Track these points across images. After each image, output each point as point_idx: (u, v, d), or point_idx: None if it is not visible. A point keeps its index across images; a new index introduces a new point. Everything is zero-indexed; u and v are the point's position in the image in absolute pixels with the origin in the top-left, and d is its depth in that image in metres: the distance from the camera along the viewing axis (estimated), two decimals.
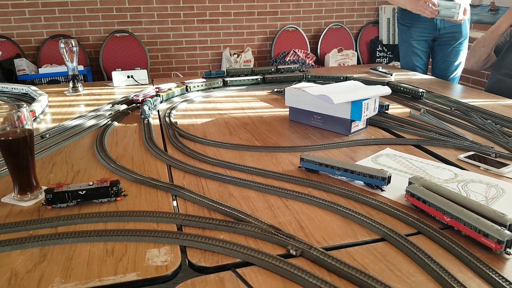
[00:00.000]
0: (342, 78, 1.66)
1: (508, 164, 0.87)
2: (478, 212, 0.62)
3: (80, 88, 1.62)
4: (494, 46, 1.72)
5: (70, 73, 1.59)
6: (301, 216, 0.69)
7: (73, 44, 1.54)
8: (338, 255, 0.57)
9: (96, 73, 3.53)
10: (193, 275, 0.56)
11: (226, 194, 0.78)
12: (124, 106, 1.36)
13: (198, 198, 0.74)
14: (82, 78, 3.18)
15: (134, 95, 1.39)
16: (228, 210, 0.70)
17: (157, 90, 1.46)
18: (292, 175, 0.83)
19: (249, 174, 0.86)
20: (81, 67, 3.19)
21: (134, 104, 1.37)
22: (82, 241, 0.62)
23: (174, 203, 0.75)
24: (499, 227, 0.58)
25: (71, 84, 1.60)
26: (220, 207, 0.71)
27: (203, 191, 0.79)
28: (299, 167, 0.88)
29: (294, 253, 0.58)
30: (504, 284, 0.51)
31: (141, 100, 1.37)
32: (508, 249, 0.57)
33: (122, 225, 0.67)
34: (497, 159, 0.90)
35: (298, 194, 0.75)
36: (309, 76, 1.71)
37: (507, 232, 0.57)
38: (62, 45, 1.52)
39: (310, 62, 3.69)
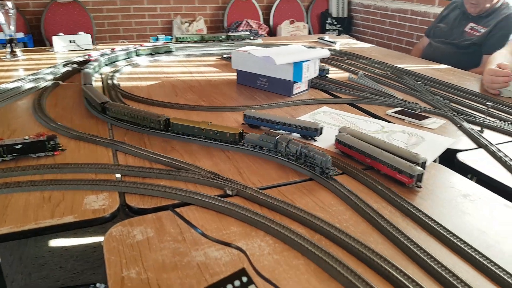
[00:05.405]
0: None
1: (429, 117, 0.96)
2: (395, 154, 0.69)
3: (19, 53, 1.54)
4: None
5: (7, 38, 1.50)
6: (240, 164, 0.73)
7: (10, 7, 1.45)
8: (270, 193, 0.61)
9: (38, 41, 3.31)
10: (132, 216, 0.58)
11: (169, 148, 0.80)
12: (70, 68, 1.33)
13: (139, 152, 0.75)
14: (23, 46, 2.98)
15: (87, 55, 1.39)
16: (170, 160, 0.72)
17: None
18: None
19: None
20: (21, 34, 2.99)
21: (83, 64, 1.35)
22: (18, 190, 0.62)
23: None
24: (411, 164, 0.65)
25: (8, 49, 1.52)
26: (162, 158, 0.73)
27: (145, 146, 0.80)
28: (243, 123, 0.92)
29: (230, 192, 0.62)
30: (411, 209, 0.58)
31: (93, 59, 1.35)
32: (418, 183, 0.65)
33: (60, 177, 0.67)
34: (422, 113, 0.99)
35: (239, 146, 0.79)
36: None
37: (418, 168, 0.64)
38: None
39: (263, 33, 3.69)
